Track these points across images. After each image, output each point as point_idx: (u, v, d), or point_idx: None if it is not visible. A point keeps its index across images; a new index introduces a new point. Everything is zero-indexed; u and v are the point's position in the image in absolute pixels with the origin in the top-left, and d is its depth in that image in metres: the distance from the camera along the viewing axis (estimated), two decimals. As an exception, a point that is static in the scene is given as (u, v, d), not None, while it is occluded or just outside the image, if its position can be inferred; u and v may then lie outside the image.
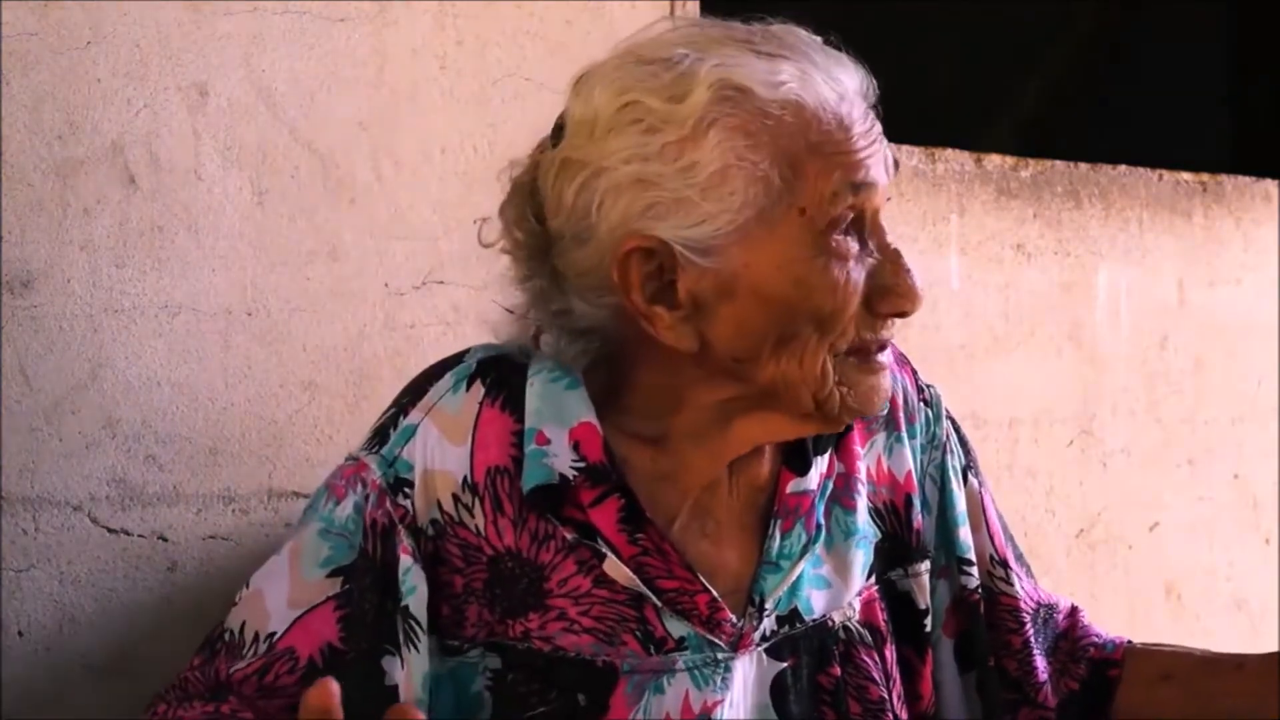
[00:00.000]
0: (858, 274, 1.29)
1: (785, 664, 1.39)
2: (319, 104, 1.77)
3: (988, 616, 1.51)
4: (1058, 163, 2.47)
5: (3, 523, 1.59)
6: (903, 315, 1.31)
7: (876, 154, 1.30)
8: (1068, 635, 1.56)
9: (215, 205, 1.71)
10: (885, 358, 1.34)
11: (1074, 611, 1.59)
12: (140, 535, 1.67)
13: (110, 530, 1.66)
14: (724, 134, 1.26)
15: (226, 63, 1.72)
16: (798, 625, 1.41)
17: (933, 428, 1.52)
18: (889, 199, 1.34)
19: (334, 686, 1.08)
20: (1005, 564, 1.53)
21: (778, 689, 1.39)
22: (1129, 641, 1.57)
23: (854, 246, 1.29)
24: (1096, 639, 1.57)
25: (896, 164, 1.35)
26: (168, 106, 1.68)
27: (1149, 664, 1.54)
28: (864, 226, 1.30)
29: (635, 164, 1.27)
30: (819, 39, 1.34)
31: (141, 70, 1.67)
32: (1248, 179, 2.71)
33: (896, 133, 2.27)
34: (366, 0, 1.80)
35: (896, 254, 1.31)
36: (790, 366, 1.29)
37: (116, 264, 1.66)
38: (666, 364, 1.34)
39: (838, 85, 1.30)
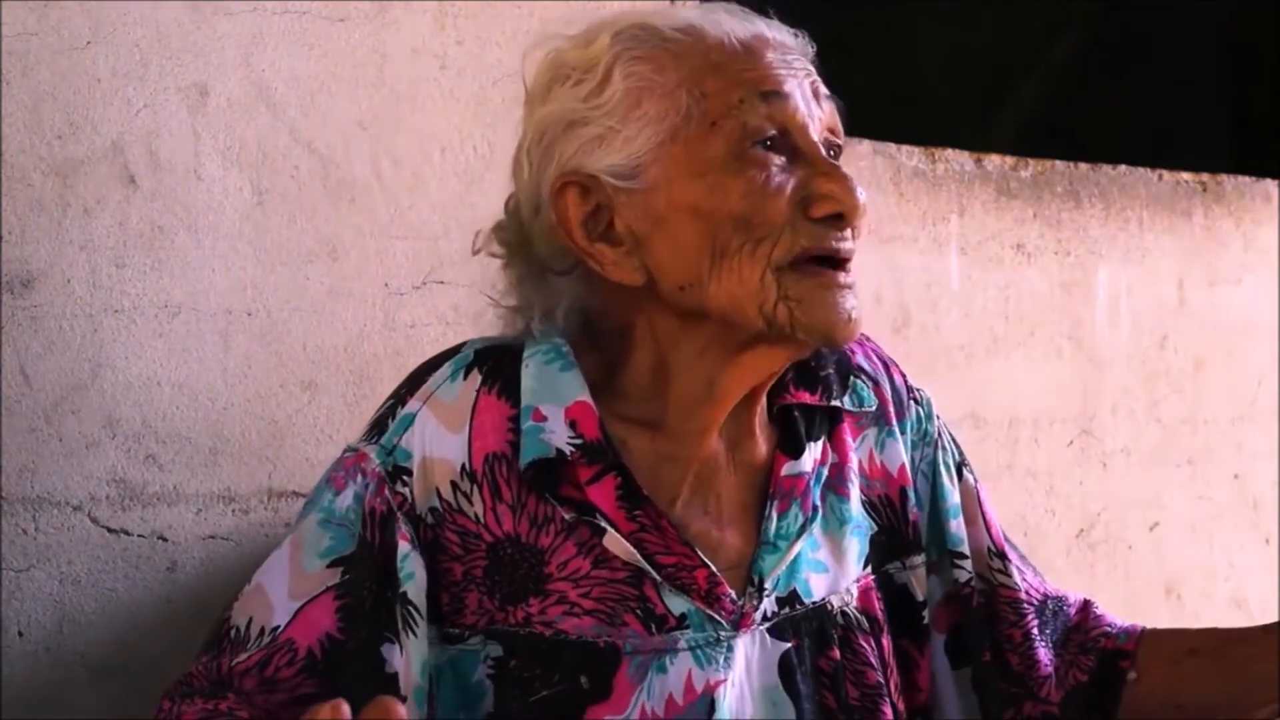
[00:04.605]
0: (781, 179, 1.31)
1: (789, 644, 1.40)
2: (319, 104, 1.77)
3: (988, 609, 1.51)
4: (1058, 163, 2.47)
5: (3, 523, 1.60)
6: (841, 221, 1.32)
7: (795, 77, 1.34)
8: (1080, 627, 1.55)
9: (215, 205, 1.71)
10: (845, 277, 1.33)
11: (1086, 604, 1.58)
12: (140, 535, 1.67)
13: (110, 530, 1.66)
14: (629, 64, 1.33)
15: (226, 63, 1.72)
16: (798, 607, 1.41)
17: (924, 424, 1.53)
18: (837, 142, 1.36)
19: (345, 711, 1.08)
20: (1003, 555, 1.53)
21: (785, 668, 1.40)
22: (1145, 629, 1.55)
23: (778, 159, 1.32)
24: (1109, 629, 1.55)
25: (841, 108, 1.38)
26: (168, 106, 1.69)
27: (1172, 642, 1.53)
28: (793, 142, 1.33)
29: (564, 113, 1.35)
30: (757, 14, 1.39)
31: (141, 70, 1.67)
32: (1248, 179, 2.72)
33: (897, 133, 2.29)
34: (366, 0, 1.80)
35: (832, 165, 1.33)
36: (731, 283, 1.31)
37: (116, 264, 1.66)
38: (647, 331, 1.37)
39: (752, 26, 1.36)
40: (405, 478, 1.33)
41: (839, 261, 1.33)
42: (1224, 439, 2.65)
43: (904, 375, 1.54)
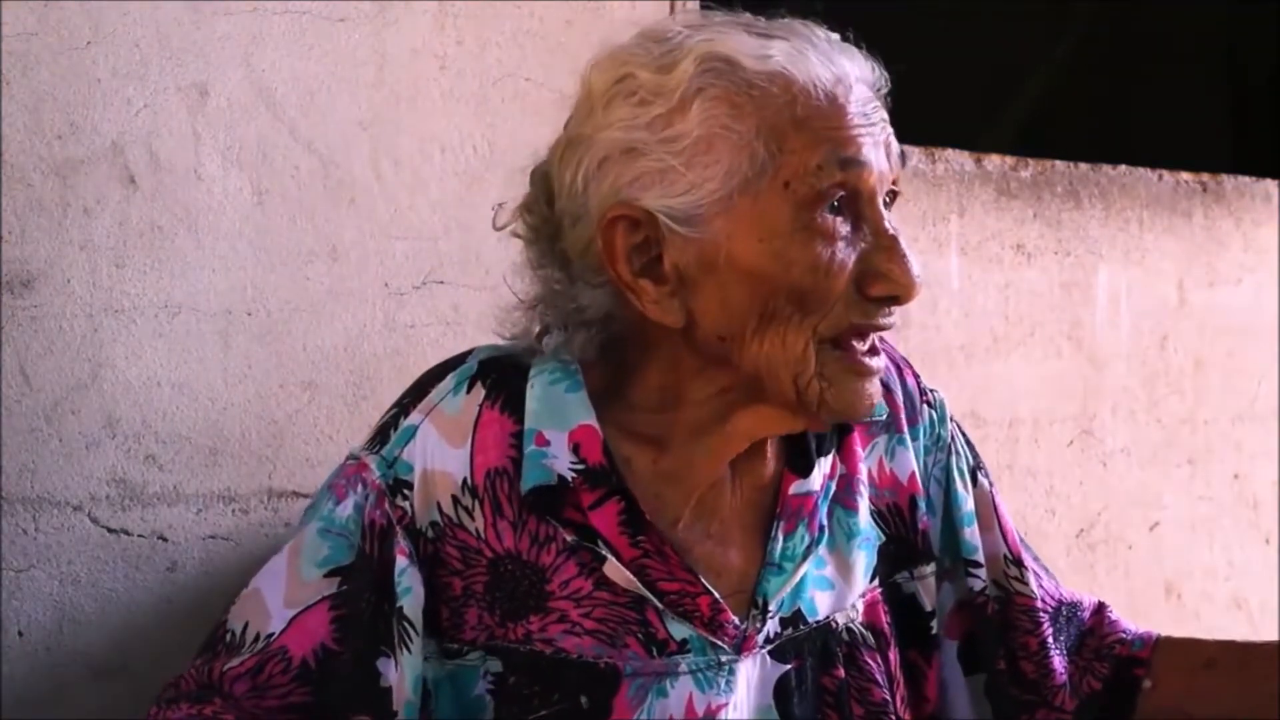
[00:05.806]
0: (845, 254, 1.28)
1: (789, 666, 1.39)
2: (319, 104, 1.77)
3: (1003, 617, 1.50)
4: (1058, 163, 2.47)
5: (3, 523, 1.59)
6: (895, 301, 1.30)
7: (873, 136, 1.30)
8: (1094, 632, 1.54)
9: (215, 205, 1.71)
10: (876, 362, 1.32)
11: (1100, 609, 1.56)
12: (140, 535, 1.67)
13: (110, 530, 1.66)
14: (708, 104, 1.27)
15: (226, 63, 1.72)
16: (801, 627, 1.40)
17: (937, 429, 1.51)
18: (896, 190, 1.33)
19: None
20: (1019, 563, 1.51)
21: (781, 691, 1.38)
22: (1160, 636, 1.54)
23: (844, 227, 1.28)
24: (1124, 635, 1.54)
25: (904, 157, 1.34)
26: (168, 106, 1.68)
27: (1190, 653, 1.52)
28: (859, 208, 1.29)
29: (625, 135, 1.29)
30: (834, 34, 1.34)
31: (141, 70, 1.67)
32: (1248, 179, 2.71)
33: (896, 133, 2.29)
34: (366, 0, 1.80)
35: (893, 239, 1.30)
36: (773, 347, 1.29)
37: (116, 264, 1.66)
38: (668, 357, 1.34)
39: (835, 68, 1.30)
40: (406, 491, 1.32)
41: (877, 330, 1.31)
42: (1224, 439, 2.65)
43: (917, 377, 1.52)
